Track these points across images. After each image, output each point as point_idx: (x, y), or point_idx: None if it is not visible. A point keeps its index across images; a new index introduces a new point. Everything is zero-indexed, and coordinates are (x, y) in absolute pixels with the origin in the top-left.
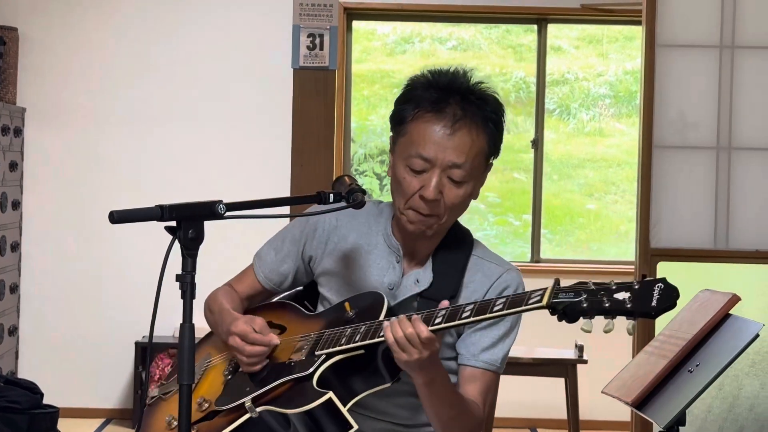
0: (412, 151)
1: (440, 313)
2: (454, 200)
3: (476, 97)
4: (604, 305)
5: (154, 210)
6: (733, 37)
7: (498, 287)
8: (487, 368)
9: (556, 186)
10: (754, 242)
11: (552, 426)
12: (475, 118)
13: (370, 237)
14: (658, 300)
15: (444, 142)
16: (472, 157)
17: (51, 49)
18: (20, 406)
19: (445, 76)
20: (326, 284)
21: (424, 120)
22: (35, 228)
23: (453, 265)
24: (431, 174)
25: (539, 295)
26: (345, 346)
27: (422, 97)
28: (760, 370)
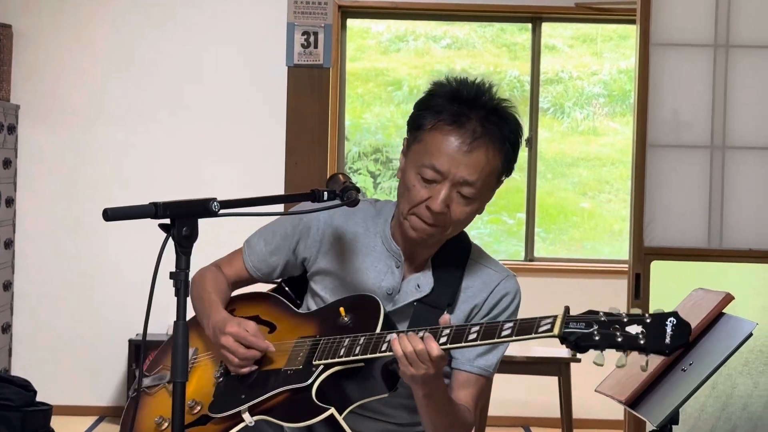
0: (426, 161)
1: (444, 332)
2: (460, 216)
3: (498, 116)
4: (616, 339)
5: (148, 207)
6: (727, 36)
7: (497, 294)
8: (482, 374)
9: (549, 185)
10: (748, 241)
11: (545, 425)
12: (493, 138)
13: (368, 238)
14: (671, 337)
15: (459, 157)
16: (485, 176)
17: (45, 46)
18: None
19: (470, 90)
20: (320, 282)
21: (442, 132)
22: (29, 225)
23: (452, 270)
24: (441, 186)
25: (549, 324)
26: (345, 358)
27: (444, 108)
28: (754, 369)
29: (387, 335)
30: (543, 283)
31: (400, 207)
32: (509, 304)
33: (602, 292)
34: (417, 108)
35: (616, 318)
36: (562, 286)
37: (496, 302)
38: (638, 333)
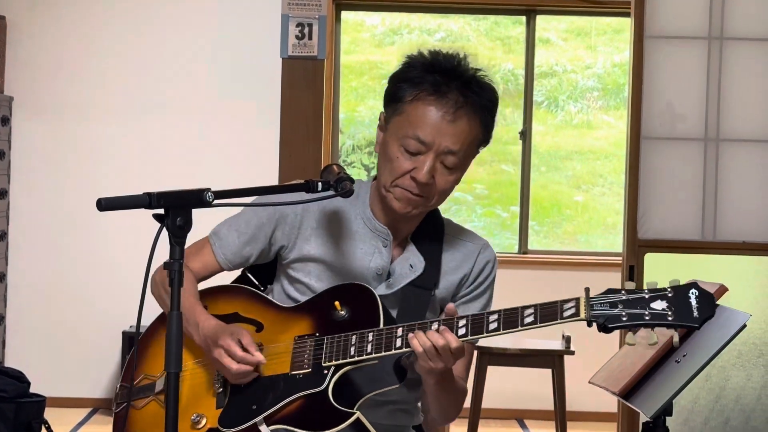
0: (409, 132)
1: (460, 323)
2: (445, 186)
3: (477, 85)
4: (644, 318)
5: (142, 198)
6: (722, 29)
7: (480, 263)
8: (472, 342)
9: (543, 178)
10: (742, 234)
11: (539, 417)
12: (474, 107)
13: (349, 221)
14: (698, 309)
15: (444, 127)
16: (468, 144)
17: (39, 37)
18: (7, 395)
19: (448, 61)
20: (302, 269)
21: (424, 102)
22: (22, 217)
23: (432, 246)
24: (426, 157)
25: (574, 307)
26: (357, 358)
27: (423, 79)
28: (747, 362)
29: (397, 329)
30: (537, 276)
31: (382, 180)
32: (491, 271)
33: (596, 285)
34: (394, 81)
35: (638, 296)
36: (556, 278)
37: (480, 270)
38: (664, 308)
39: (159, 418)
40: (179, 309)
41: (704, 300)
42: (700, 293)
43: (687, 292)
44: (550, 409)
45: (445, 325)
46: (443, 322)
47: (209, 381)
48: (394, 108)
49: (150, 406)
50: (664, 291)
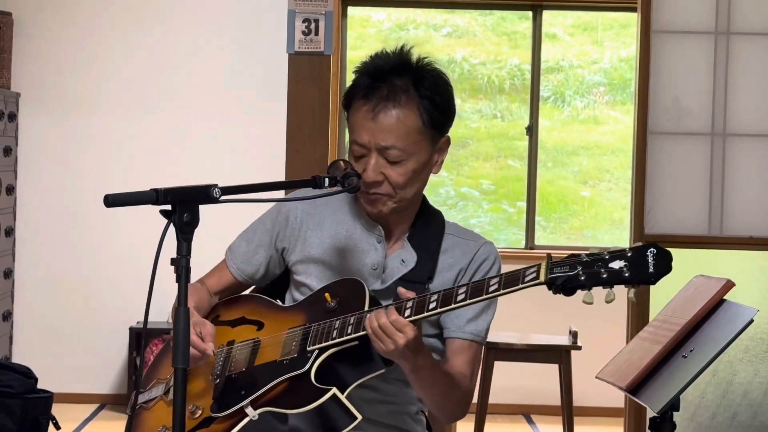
0: (352, 137)
1: (432, 298)
2: (398, 179)
3: (412, 77)
4: (601, 276)
5: (149, 193)
6: (728, 24)
7: (478, 259)
8: (474, 339)
9: (550, 173)
10: (748, 228)
11: (546, 412)
12: (399, 99)
13: (346, 221)
14: (654, 266)
15: (369, 125)
16: (403, 136)
17: (45, 33)
18: (14, 391)
19: (380, 59)
20: (304, 272)
21: (355, 107)
22: (29, 213)
23: (429, 244)
24: (369, 158)
25: (534, 272)
26: (338, 339)
27: (357, 85)
28: (754, 357)
29: (372, 312)
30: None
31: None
32: (491, 268)
33: None
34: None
35: (598, 256)
36: None
37: (478, 266)
38: (622, 267)
39: (165, 413)
40: (186, 305)
41: (661, 257)
42: (659, 252)
43: (645, 251)
44: (557, 405)
45: (395, 306)
46: (395, 303)
47: (207, 373)
48: (347, 116)
49: (158, 405)
50: (623, 251)
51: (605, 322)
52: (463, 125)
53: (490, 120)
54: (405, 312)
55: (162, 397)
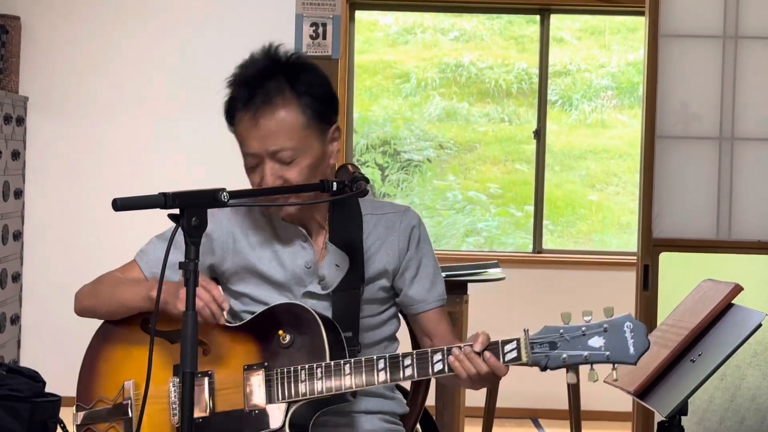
0: (242, 151)
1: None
2: (297, 178)
3: (284, 76)
4: (583, 356)
5: (158, 198)
6: (736, 27)
7: (405, 231)
8: (442, 303)
9: (557, 177)
10: (757, 233)
11: (553, 416)
12: (275, 101)
13: (266, 226)
14: (633, 344)
15: (254, 133)
16: (289, 135)
17: (53, 38)
18: (22, 395)
19: (249, 67)
20: (241, 282)
21: (237, 119)
22: (37, 217)
23: (351, 235)
24: (263, 166)
25: (515, 350)
26: (310, 397)
27: (233, 98)
28: (762, 361)
29: (345, 366)
30: (551, 276)
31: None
32: (420, 232)
33: (610, 284)
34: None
35: (576, 333)
36: (570, 278)
37: (409, 236)
38: (601, 346)
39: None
40: (194, 309)
41: (637, 332)
42: (634, 326)
43: (622, 325)
44: (564, 409)
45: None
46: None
47: (164, 410)
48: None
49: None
50: (601, 326)
51: None
52: (470, 129)
53: (498, 124)
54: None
55: (114, 424)
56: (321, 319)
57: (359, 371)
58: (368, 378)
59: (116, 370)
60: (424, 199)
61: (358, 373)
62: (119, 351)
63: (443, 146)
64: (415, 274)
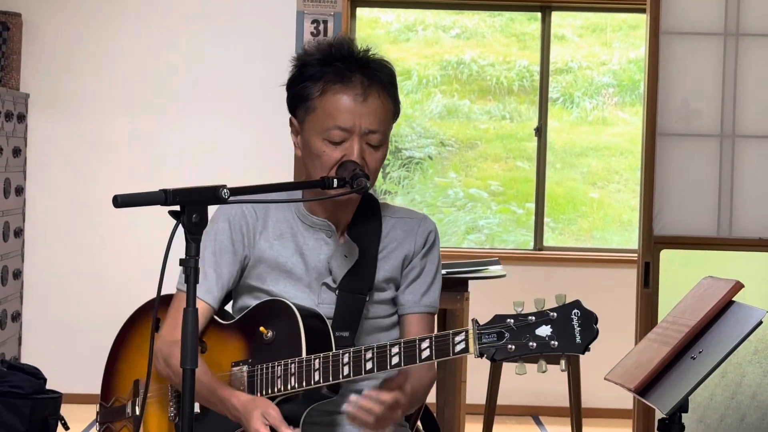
0: (329, 124)
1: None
2: (376, 164)
3: (374, 63)
4: (529, 347)
5: (158, 194)
6: (737, 25)
7: (422, 237)
8: (431, 311)
9: (559, 174)
10: (757, 230)
11: (554, 414)
12: (379, 83)
13: (289, 219)
14: (580, 333)
15: (359, 109)
16: (385, 120)
17: (54, 34)
18: (23, 391)
19: (340, 49)
20: (260, 277)
21: (333, 92)
22: (38, 214)
23: (369, 233)
24: (351, 142)
25: (463, 341)
26: (284, 393)
27: (324, 72)
28: (763, 358)
29: (314, 361)
30: (552, 273)
31: (314, 177)
32: (434, 242)
33: (611, 282)
34: (295, 84)
35: (524, 321)
36: (571, 275)
37: (424, 242)
38: (548, 335)
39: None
40: (195, 305)
41: (586, 322)
42: (582, 314)
43: (570, 313)
44: (565, 406)
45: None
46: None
47: (163, 409)
48: (305, 108)
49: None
50: (548, 315)
51: (614, 323)
52: (471, 126)
53: (499, 121)
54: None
55: (126, 423)
56: (302, 315)
57: (327, 366)
58: (334, 373)
59: (131, 370)
60: (425, 196)
61: (325, 367)
62: (135, 351)
63: (444, 143)
64: (416, 277)
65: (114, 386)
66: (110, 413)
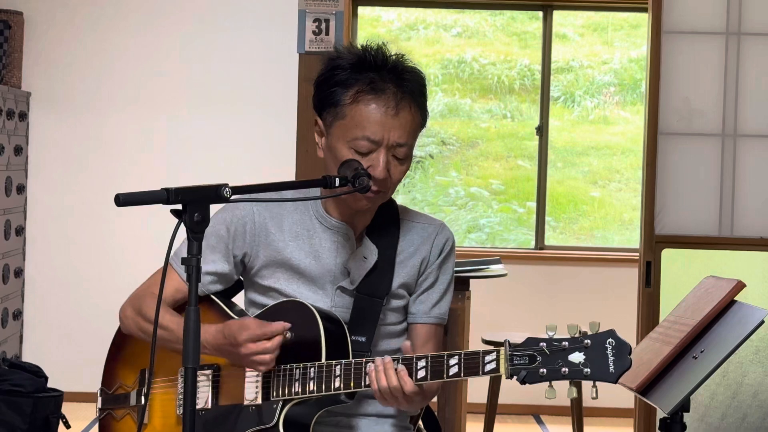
0: (358, 134)
1: (420, 365)
2: (399, 176)
3: (407, 72)
4: (562, 371)
5: (160, 193)
6: (739, 24)
7: (439, 244)
8: (440, 323)
9: (560, 173)
10: (759, 229)
11: (555, 413)
12: (410, 95)
13: (305, 221)
14: (614, 362)
15: (389, 122)
16: (413, 132)
17: (56, 33)
18: (24, 390)
19: (374, 55)
20: (271, 276)
21: (365, 102)
22: (40, 212)
23: (387, 234)
24: (378, 154)
25: (494, 361)
26: (303, 396)
27: (356, 79)
28: (765, 358)
29: (335, 367)
30: (553, 272)
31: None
32: (450, 250)
33: (612, 281)
34: (324, 87)
35: (557, 347)
36: (573, 274)
37: (440, 250)
38: (581, 362)
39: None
40: (196, 305)
41: (619, 350)
42: (617, 343)
43: (604, 342)
44: (567, 405)
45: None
46: (403, 360)
47: (172, 403)
48: (333, 113)
49: (126, 419)
50: (582, 342)
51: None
52: (473, 125)
53: (500, 120)
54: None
55: (129, 411)
56: (322, 319)
57: (348, 374)
58: (356, 381)
59: (137, 359)
60: (427, 195)
61: (347, 375)
62: (141, 340)
63: (446, 142)
64: (429, 286)
65: (118, 373)
66: (113, 400)
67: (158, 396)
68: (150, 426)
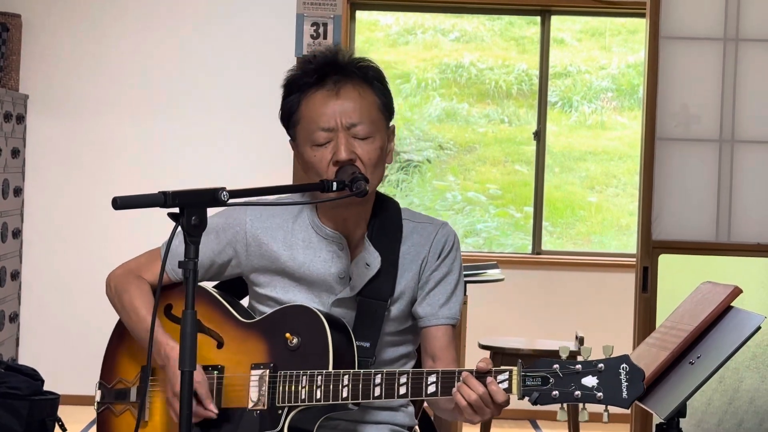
0: (312, 128)
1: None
2: (370, 155)
3: (355, 66)
4: (574, 395)
5: (158, 196)
6: (737, 30)
7: (439, 243)
8: (450, 323)
9: (557, 178)
10: (756, 235)
11: (552, 417)
12: (356, 78)
13: (300, 232)
14: (627, 388)
15: (334, 104)
16: (367, 110)
17: (54, 35)
18: (21, 393)
19: (320, 58)
20: (268, 285)
21: (308, 97)
22: (37, 215)
23: (389, 236)
24: (337, 139)
25: (506, 380)
26: (309, 403)
27: (302, 82)
28: (761, 363)
29: (343, 377)
30: (550, 277)
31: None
32: (452, 248)
33: (609, 286)
34: (283, 100)
35: (571, 370)
36: (569, 279)
37: (440, 250)
38: (594, 386)
39: (132, 426)
40: (193, 308)
41: (633, 376)
42: (630, 369)
43: (618, 367)
44: None
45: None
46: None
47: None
48: (292, 122)
49: (125, 415)
50: (596, 365)
51: (612, 327)
52: (470, 130)
53: (498, 125)
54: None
55: (129, 407)
56: (330, 326)
57: (356, 384)
58: (365, 392)
59: (138, 352)
60: (424, 199)
61: (355, 385)
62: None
63: (443, 147)
64: (433, 287)
65: (118, 367)
66: (112, 394)
67: (159, 393)
68: (150, 423)
